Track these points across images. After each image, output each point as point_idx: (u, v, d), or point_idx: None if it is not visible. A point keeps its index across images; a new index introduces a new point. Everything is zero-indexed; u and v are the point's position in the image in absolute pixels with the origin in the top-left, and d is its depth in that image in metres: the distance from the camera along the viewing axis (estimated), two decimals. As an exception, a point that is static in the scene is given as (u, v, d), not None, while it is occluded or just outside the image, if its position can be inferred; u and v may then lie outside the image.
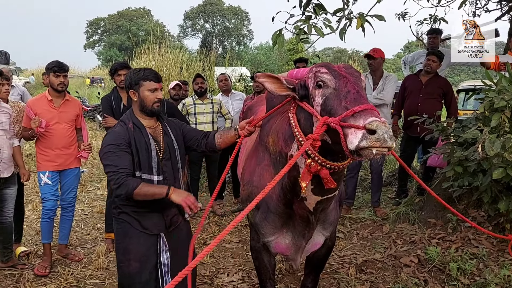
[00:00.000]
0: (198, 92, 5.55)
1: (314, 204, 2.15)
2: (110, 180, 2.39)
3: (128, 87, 2.60)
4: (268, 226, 2.41)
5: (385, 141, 1.53)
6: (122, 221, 2.55)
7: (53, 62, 3.94)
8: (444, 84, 5.26)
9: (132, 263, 2.51)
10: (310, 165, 1.90)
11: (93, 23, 56.87)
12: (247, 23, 58.01)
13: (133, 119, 2.57)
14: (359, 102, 1.72)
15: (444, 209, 4.50)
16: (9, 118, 3.86)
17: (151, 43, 15.33)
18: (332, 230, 2.55)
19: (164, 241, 2.59)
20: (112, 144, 2.42)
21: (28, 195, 6.55)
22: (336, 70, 1.89)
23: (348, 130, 1.65)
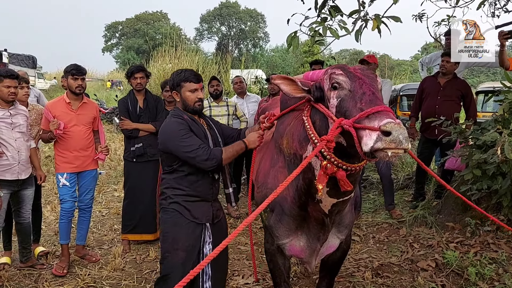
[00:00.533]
0: (214, 94, 5.58)
1: (329, 206, 2.14)
2: (198, 155, 2.48)
3: (171, 88, 2.76)
4: (282, 228, 2.41)
5: (401, 143, 1.51)
6: (172, 211, 2.64)
7: (71, 66, 4.01)
8: (463, 86, 5.18)
9: (179, 252, 2.60)
10: (326, 167, 1.90)
11: (111, 27, 57.63)
12: (263, 26, 58.06)
13: (184, 114, 2.70)
14: (374, 103, 1.70)
15: (463, 212, 4.43)
16: (26, 120, 3.93)
17: (167, 46, 15.50)
18: (347, 233, 2.53)
19: (209, 233, 2.68)
20: (181, 129, 2.56)
21: (47, 196, 6.68)
22: (351, 71, 1.88)
23: (362, 132, 1.64)
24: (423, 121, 5.33)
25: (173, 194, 2.64)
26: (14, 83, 3.71)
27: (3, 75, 3.68)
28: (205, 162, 2.48)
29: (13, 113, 3.80)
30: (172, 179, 2.66)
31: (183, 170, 2.62)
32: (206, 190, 2.65)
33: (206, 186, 2.66)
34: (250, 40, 57.44)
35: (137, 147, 4.47)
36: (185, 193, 2.62)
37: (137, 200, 4.52)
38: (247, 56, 28.44)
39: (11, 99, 3.73)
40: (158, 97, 4.73)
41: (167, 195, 2.67)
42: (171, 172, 2.67)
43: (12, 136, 3.77)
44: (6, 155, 3.71)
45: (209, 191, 2.67)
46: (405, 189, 6.39)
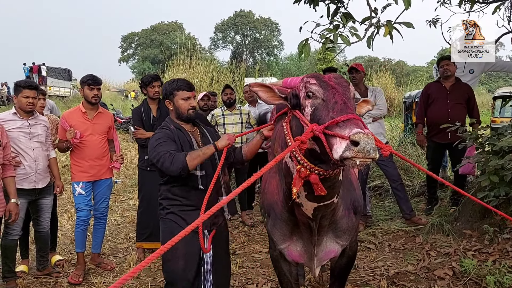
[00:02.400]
0: (227, 102, 5.61)
1: (311, 210, 2.17)
2: (162, 162, 2.52)
3: (163, 97, 2.83)
4: (278, 233, 2.45)
5: (368, 153, 1.56)
6: (169, 221, 2.70)
7: (87, 76, 4.08)
8: (468, 88, 5.20)
9: (179, 261, 2.64)
10: (300, 171, 1.95)
11: (127, 38, 58.51)
12: (277, 34, 58.25)
13: (173, 124, 2.77)
14: (345, 112, 1.74)
15: (481, 220, 4.35)
16: (45, 130, 4.02)
17: (182, 55, 15.65)
18: (348, 238, 2.52)
19: (208, 240, 2.70)
20: (160, 138, 2.64)
21: (63, 205, 6.77)
22: (325, 81, 1.92)
23: (334, 140, 1.68)
24: (431, 126, 5.28)
25: (169, 205, 2.71)
26: (32, 94, 3.80)
27: (22, 86, 3.78)
28: (169, 168, 2.49)
29: (32, 123, 3.89)
30: (167, 190, 2.74)
31: (176, 180, 2.67)
32: (199, 199, 2.61)
33: (198, 196, 2.65)
34: (265, 48, 57.68)
35: (151, 156, 4.50)
36: (180, 202, 2.68)
37: (152, 208, 4.54)
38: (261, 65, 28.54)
39: (29, 109, 3.82)
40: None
41: (163, 206, 2.74)
42: (165, 183, 2.74)
43: (30, 146, 3.85)
44: (23, 165, 3.79)
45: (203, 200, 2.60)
46: (421, 196, 6.30)
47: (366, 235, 4.91)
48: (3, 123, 3.73)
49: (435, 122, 5.15)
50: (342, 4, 4.63)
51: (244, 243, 4.97)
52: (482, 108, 18.23)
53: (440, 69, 5.21)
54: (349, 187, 2.43)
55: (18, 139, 3.79)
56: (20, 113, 3.84)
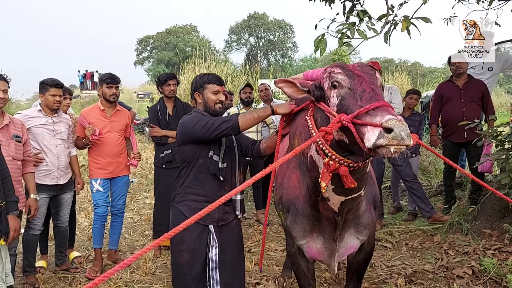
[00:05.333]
0: (245, 101, 5.62)
1: (338, 204, 2.13)
2: (211, 125, 2.50)
3: (193, 90, 2.82)
4: (297, 228, 2.41)
5: (403, 139, 1.51)
6: (178, 212, 2.68)
7: (106, 74, 4.14)
8: (482, 85, 5.13)
9: (184, 254, 2.62)
10: (328, 164, 1.91)
11: (142, 41, 59.01)
12: (291, 36, 58.11)
13: (203, 113, 2.75)
14: (374, 100, 1.70)
15: (500, 219, 4.28)
16: (68, 128, 4.10)
17: (197, 58, 15.74)
18: (368, 234, 2.49)
19: (214, 237, 2.67)
20: (197, 116, 2.63)
21: (81, 203, 6.86)
22: (350, 69, 1.88)
23: (364, 128, 1.63)
24: (446, 126, 5.22)
25: (182, 192, 2.69)
26: (59, 92, 3.89)
27: (49, 84, 3.85)
28: (220, 125, 2.48)
29: (55, 120, 3.97)
30: (183, 177, 2.71)
31: (195, 165, 2.66)
32: (214, 191, 2.65)
33: (214, 187, 2.66)
34: (279, 50, 57.60)
35: (166, 154, 4.53)
36: (193, 191, 2.66)
37: (167, 205, 4.53)
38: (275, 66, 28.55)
39: (56, 107, 3.91)
40: (187, 104, 4.81)
41: (177, 192, 2.73)
42: (183, 170, 2.72)
43: (53, 143, 3.92)
44: (46, 161, 3.86)
45: (217, 193, 2.64)
46: (438, 195, 6.22)
47: (383, 234, 4.87)
48: (28, 119, 3.81)
49: (450, 122, 5.09)
50: (358, 1, 4.61)
51: (259, 241, 4.97)
52: (501, 109, 17.93)
53: (452, 67, 5.15)
54: (370, 181, 2.38)
55: (42, 135, 3.87)
56: (45, 110, 3.92)
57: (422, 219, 5.17)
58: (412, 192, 5.10)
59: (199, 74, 2.88)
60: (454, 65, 5.07)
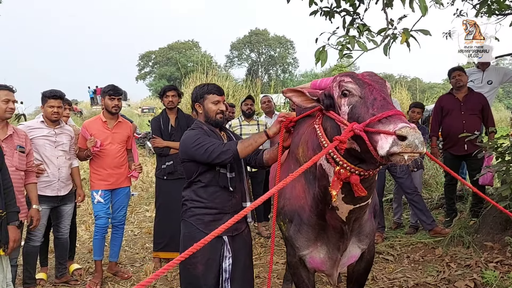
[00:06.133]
0: (246, 113, 5.66)
1: (346, 213, 2.12)
2: (212, 150, 2.50)
3: (194, 101, 2.82)
4: (302, 238, 2.39)
5: (417, 147, 1.53)
6: (190, 225, 2.67)
7: (109, 86, 4.19)
8: (482, 98, 5.15)
9: (198, 266, 2.61)
10: (340, 173, 1.91)
11: (144, 56, 59.52)
12: (292, 52, 58.66)
13: (204, 125, 2.76)
14: (386, 108, 1.71)
15: (502, 231, 4.27)
16: (70, 140, 4.12)
17: (198, 73, 15.87)
18: (368, 242, 2.49)
19: (228, 248, 2.67)
20: (197, 134, 2.63)
21: (81, 216, 6.85)
22: (360, 78, 1.90)
23: (377, 136, 1.64)
24: (446, 138, 5.23)
25: (193, 207, 2.67)
26: (57, 103, 3.91)
27: (47, 96, 3.88)
28: (220, 156, 2.48)
29: (58, 132, 3.99)
30: (192, 191, 2.70)
31: (202, 181, 2.66)
32: (224, 202, 2.66)
33: (225, 198, 2.66)
34: (280, 65, 58.05)
35: (168, 165, 4.55)
36: (204, 205, 2.65)
37: (168, 217, 4.57)
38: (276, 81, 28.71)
39: (54, 119, 3.92)
40: (189, 116, 4.84)
41: (187, 207, 2.71)
42: (190, 184, 2.72)
43: (55, 154, 3.94)
44: (47, 172, 3.87)
45: (228, 203, 2.67)
46: (439, 208, 6.20)
47: (385, 247, 4.85)
48: (30, 130, 3.83)
49: (451, 134, 5.11)
50: (358, 15, 4.68)
51: (261, 254, 4.95)
52: (501, 124, 17.98)
53: (452, 80, 5.18)
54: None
55: (44, 147, 3.89)
56: (47, 121, 3.95)
57: (424, 232, 5.15)
58: (413, 204, 5.09)
59: (199, 85, 2.88)
60: (454, 78, 5.11)
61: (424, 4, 3.02)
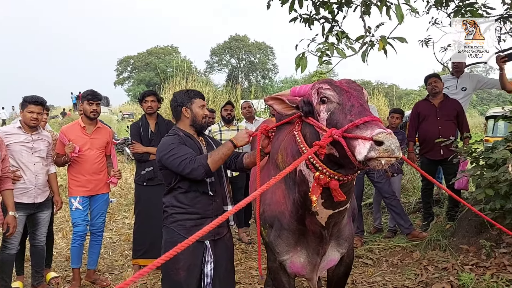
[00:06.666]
0: (226, 118, 5.66)
1: (326, 218, 2.16)
2: (184, 167, 2.51)
3: (179, 105, 2.82)
4: (282, 244, 2.41)
5: (393, 152, 1.57)
6: (172, 231, 2.66)
7: (87, 91, 4.13)
8: (457, 104, 5.29)
9: (180, 271, 2.61)
10: (319, 178, 1.94)
11: (123, 61, 59.01)
12: (272, 58, 59.09)
13: (181, 131, 2.78)
14: (363, 114, 1.76)
15: (477, 234, 4.36)
16: (47, 146, 4.04)
17: (178, 78, 15.80)
18: (347, 246, 2.53)
19: (210, 252, 2.68)
20: (172, 143, 2.62)
21: (58, 223, 6.71)
22: (338, 85, 1.94)
23: (355, 142, 1.68)
24: (423, 143, 5.35)
25: (174, 213, 2.68)
26: (37, 109, 3.82)
27: (27, 101, 3.80)
28: (192, 172, 2.50)
29: (35, 138, 3.91)
30: (172, 197, 2.70)
31: (182, 187, 2.66)
32: (206, 206, 2.67)
33: (205, 203, 2.68)
34: (260, 71, 58.35)
35: (148, 171, 4.51)
36: (185, 210, 2.65)
37: (148, 224, 4.52)
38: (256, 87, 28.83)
39: (32, 124, 3.84)
40: (169, 121, 4.81)
41: (168, 214, 2.71)
42: (171, 191, 2.72)
43: (31, 160, 3.86)
44: (24, 179, 3.79)
45: (209, 207, 2.68)
46: (417, 212, 6.31)
47: (364, 251, 4.90)
48: (7, 136, 3.75)
49: (427, 140, 5.23)
50: (337, 22, 4.77)
51: (241, 260, 4.94)
52: (475, 130, 18.44)
53: (428, 87, 5.31)
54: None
55: (20, 153, 3.80)
56: (25, 127, 3.86)
57: (402, 235, 5.23)
58: (391, 209, 5.17)
59: (181, 90, 2.90)
60: (430, 85, 5.23)
61: (400, 13, 3.10)
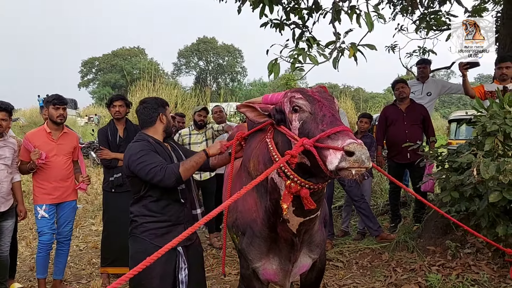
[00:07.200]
0: (198, 124, 5.61)
1: (297, 225, 2.18)
2: (154, 175, 2.48)
3: (156, 112, 2.83)
4: (254, 251, 2.41)
5: (363, 162, 1.61)
6: (143, 241, 2.62)
7: (53, 96, 4.01)
8: (423, 109, 5.45)
9: (154, 280, 2.58)
10: (290, 186, 1.96)
11: (87, 63, 57.59)
12: (240, 61, 59.09)
13: (150, 138, 2.75)
14: (334, 124, 1.79)
15: (443, 236, 4.50)
16: (12, 153, 3.89)
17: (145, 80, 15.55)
18: (320, 252, 2.56)
19: (183, 259, 2.66)
20: (141, 149, 2.59)
21: (21, 231, 6.46)
22: (310, 95, 1.96)
23: (326, 151, 1.71)
24: (391, 147, 5.48)
25: (145, 222, 2.64)
26: (2, 115, 3.69)
27: None
28: (163, 180, 2.48)
29: (1, 145, 3.76)
30: (142, 206, 2.66)
31: (152, 195, 2.64)
32: (177, 213, 2.67)
33: (177, 209, 2.68)
34: (228, 74, 58.26)
35: (116, 177, 4.40)
36: (157, 219, 2.63)
37: (116, 232, 4.39)
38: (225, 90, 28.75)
39: None
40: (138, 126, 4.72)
41: (138, 223, 2.66)
42: (140, 199, 2.68)
43: None
44: None
45: (181, 214, 2.69)
46: (384, 214, 6.45)
47: (334, 254, 4.97)
48: None
49: (394, 143, 5.36)
50: (307, 28, 4.82)
51: (213, 265, 4.91)
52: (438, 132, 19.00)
53: (396, 92, 5.45)
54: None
55: None
56: None
57: (370, 238, 5.32)
58: (360, 211, 5.26)
59: (152, 98, 2.92)
60: (398, 90, 5.36)
61: (370, 21, 3.17)
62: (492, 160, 3.25)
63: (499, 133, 3.38)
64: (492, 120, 3.44)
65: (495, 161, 3.24)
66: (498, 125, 3.38)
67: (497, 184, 3.22)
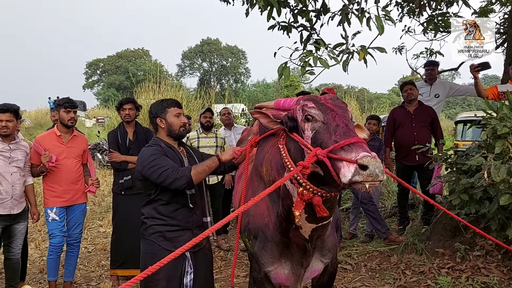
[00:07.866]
0: (205, 126, 5.61)
1: (309, 232, 2.18)
2: (166, 177, 2.49)
3: (154, 116, 2.79)
4: (266, 255, 2.42)
5: (377, 176, 1.59)
6: (152, 242, 2.64)
7: (64, 99, 4.04)
8: (431, 111, 5.44)
9: (160, 282, 2.58)
10: (303, 193, 1.95)
11: (92, 64, 57.73)
12: (244, 62, 59.08)
13: (163, 142, 2.75)
14: (348, 135, 1.77)
15: (452, 238, 4.49)
16: (25, 156, 3.91)
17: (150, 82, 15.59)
18: (331, 256, 2.56)
19: (190, 263, 2.67)
20: (153, 154, 2.59)
21: (30, 233, 6.48)
22: (323, 103, 1.95)
23: (340, 163, 1.69)
24: (399, 149, 5.47)
25: (154, 224, 2.66)
26: (5, 117, 3.70)
27: None
28: (174, 182, 2.48)
29: (12, 147, 3.79)
30: (152, 209, 2.68)
31: (162, 198, 2.65)
32: (186, 218, 2.67)
33: (186, 214, 2.68)
34: (232, 75, 58.27)
35: (126, 180, 4.42)
36: (166, 222, 2.64)
37: (126, 234, 4.42)
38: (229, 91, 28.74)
39: (3, 133, 3.71)
40: (148, 129, 4.74)
41: (147, 225, 2.69)
42: (150, 202, 2.70)
43: (8, 170, 3.74)
44: (0, 189, 3.66)
45: (189, 219, 2.69)
46: (392, 217, 6.44)
47: (342, 256, 4.97)
48: None
49: (403, 145, 5.35)
50: (315, 30, 4.83)
51: (221, 267, 4.92)
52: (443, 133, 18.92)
53: (404, 94, 5.44)
54: None
55: None
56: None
57: (379, 240, 5.32)
58: (368, 214, 5.26)
59: (156, 101, 2.90)
60: (406, 92, 5.36)
61: (381, 24, 3.17)
62: (503, 163, 3.25)
63: (509, 135, 3.38)
64: (502, 123, 3.44)
65: (505, 163, 3.23)
66: (509, 127, 3.37)
67: (508, 187, 3.22)
